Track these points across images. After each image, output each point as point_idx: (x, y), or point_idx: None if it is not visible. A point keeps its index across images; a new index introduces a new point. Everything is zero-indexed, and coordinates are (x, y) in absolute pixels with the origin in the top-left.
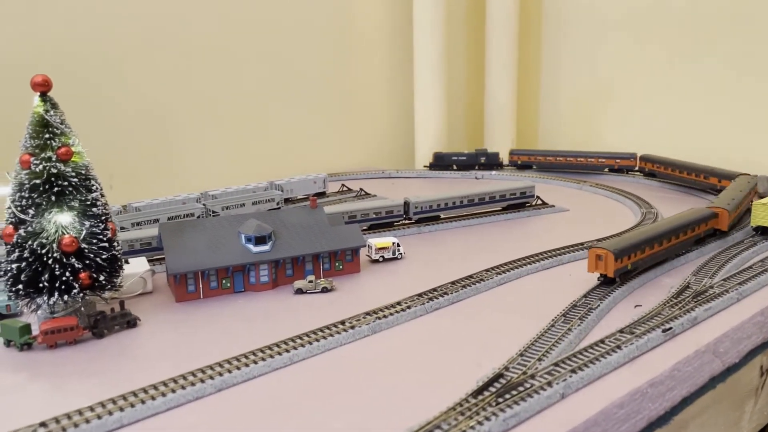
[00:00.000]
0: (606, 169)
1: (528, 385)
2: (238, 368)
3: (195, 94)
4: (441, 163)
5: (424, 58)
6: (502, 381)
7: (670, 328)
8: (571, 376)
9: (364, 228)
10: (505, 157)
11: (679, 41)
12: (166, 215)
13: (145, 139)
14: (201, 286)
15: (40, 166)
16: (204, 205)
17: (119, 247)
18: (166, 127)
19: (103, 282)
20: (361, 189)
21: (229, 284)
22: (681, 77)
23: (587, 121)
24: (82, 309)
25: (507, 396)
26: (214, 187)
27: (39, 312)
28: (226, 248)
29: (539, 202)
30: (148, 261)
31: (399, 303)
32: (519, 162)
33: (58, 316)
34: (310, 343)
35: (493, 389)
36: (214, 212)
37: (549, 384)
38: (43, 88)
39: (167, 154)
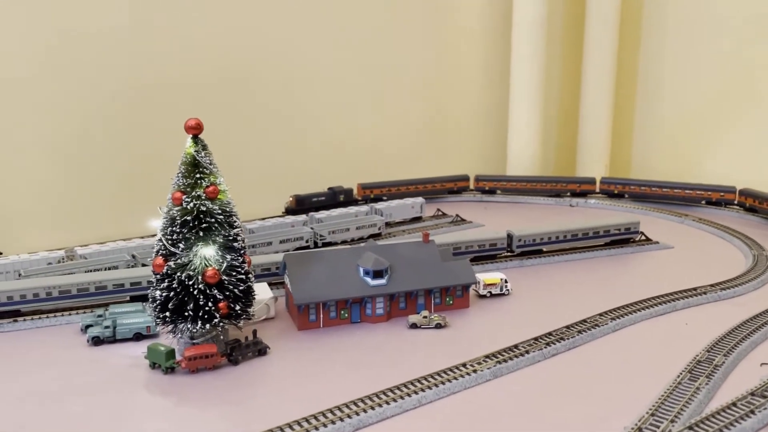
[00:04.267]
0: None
1: None
2: (372, 408)
3: (301, 101)
4: (302, 206)
5: (521, 79)
6: None
7: None
8: None
9: (470, 259)
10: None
11: None
12: (278, 238)
13: (240, 148)
14: (321, 315)
15: (191, 204)
16: (312, 228)
17: (253, 279)
18: (275, 137)
19: (239, 311)
20: (457, 215)
21: (346, 315)
22: None
23: (684, 148)
24: (221, 337)
25: None
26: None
27: (179, 337)
28: (346, 280)
29: (643, 237)
30: (269, 286)
31: (517, 347)
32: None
33: (198, 343)
34: (437, 385)
35: None
36: (321, 236)
37: None
38: (195, 131)
39: (271, 160)
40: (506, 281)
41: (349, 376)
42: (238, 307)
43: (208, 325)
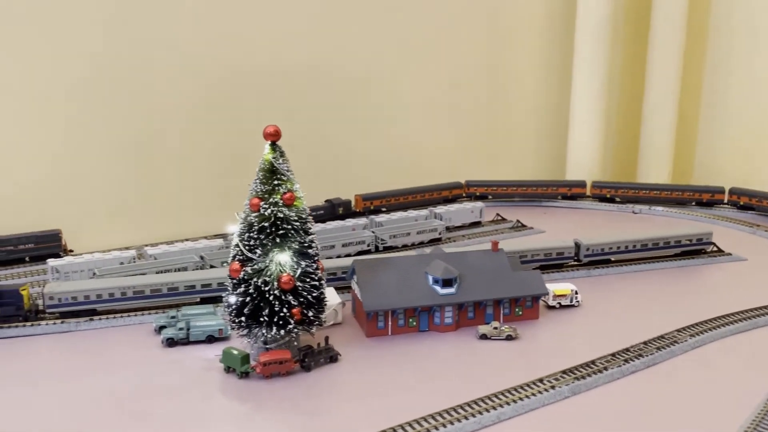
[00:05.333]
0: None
1: None
2: (451, 423)
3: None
4: None
5: (583, 82)
6: None
7: None
8: None
9: (534, 268)
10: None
11: None
12: (341, 242)
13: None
14: (390, 323)
15: (269, 210)
16: (373, 232)
17: (325, 285)
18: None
19: (312, 318)
20: (518, 221)
21: (415, 323)
22: None
23: (752, 153)
24: (295, 343)
25: None
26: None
27: (253, 342)
28: (414, 288)
29: (715, 249)
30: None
31: (594, 363)
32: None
33: (271, 348)
34: (515, 401)
35: None
36: (382, 240)
37: None
38: (273, 137)
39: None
40: (576, 292)
41: (422, 388)
42: (311, 314)
43: (282, 331)
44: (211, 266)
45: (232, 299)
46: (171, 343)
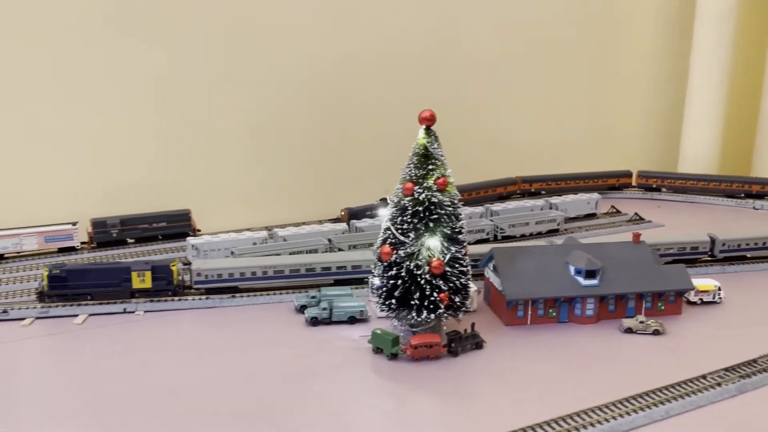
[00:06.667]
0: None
1: None
2: (621, 416)
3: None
4: (356, 217)
5: (701, 75)
6: None
7: None
8: None
9: (666, 262)
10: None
11: None
12: None
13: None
14: (529, 312)
15: (423, 195)
16: (491, 221)
17: (471, 271)
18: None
19: (458, 304)
20: (636, 213)
21: (554, 314)
22: None
23: None
24: (444, 327)
25: None
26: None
27: (399, 326)
28: (555, 278)
29: None
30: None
31: (755, 361)
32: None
33: (418, 332)
34: (682, 397)
35: None
36: (501, 229)
37: None
38: (429, 122)
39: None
40: (720, 289)
41: (574, 379)
42: (457, 299)
43: (432, 315)
44: (339, 249)
45: (378, 282)
46: (315, 322)
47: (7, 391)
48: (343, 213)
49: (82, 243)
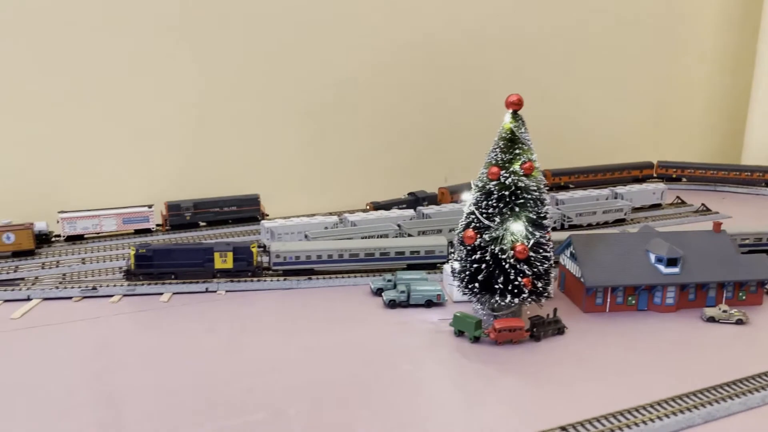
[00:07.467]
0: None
1: None
2: (717, 401)
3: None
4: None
5: None
6: None
7: None
8: None
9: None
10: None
11: None
12: None
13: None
14: (608, 300)
15: (509, 179)
16: (558, 209)
17: (553, 257)
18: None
19: (541, 289)
20: (703, 204)
21: (634, 301)
22: None
23: None
24: (528, 312)
25: None
26: None
27: (480, 309)
28: (635, 266)
29: None
30: None
31: None
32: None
33: (500, 316)
34: (764, 388)
35: None
36: (568, 217)
37: None
38: (516, 106)
39: None
40: None
41: (661, 367)
42: (540, 284)
43: (517, 300)
44: (408, 235)
45: (458, 265)
46: (393, 304)
47: (113, 363)
48: (368, 206)
49: (157, 225)
